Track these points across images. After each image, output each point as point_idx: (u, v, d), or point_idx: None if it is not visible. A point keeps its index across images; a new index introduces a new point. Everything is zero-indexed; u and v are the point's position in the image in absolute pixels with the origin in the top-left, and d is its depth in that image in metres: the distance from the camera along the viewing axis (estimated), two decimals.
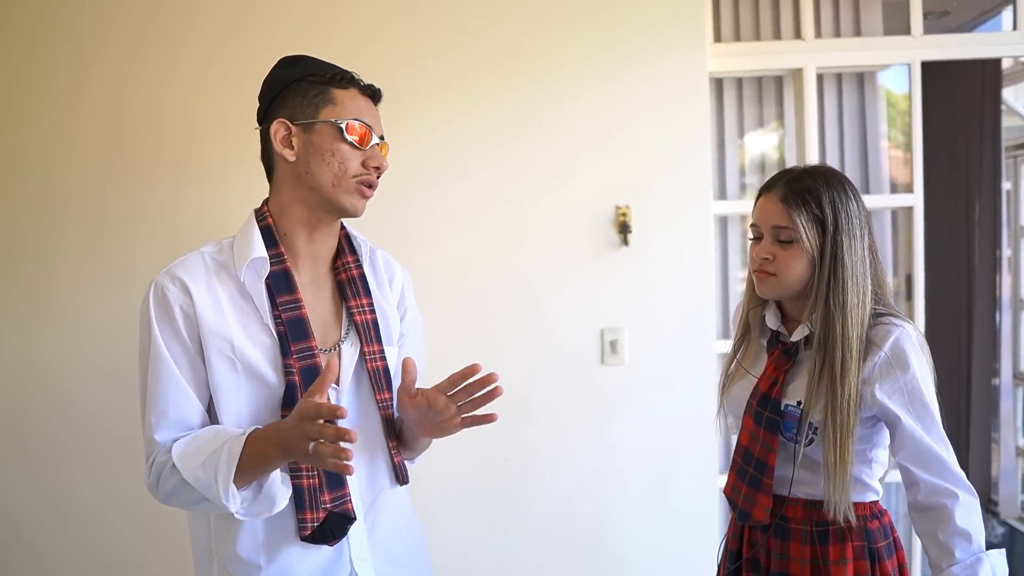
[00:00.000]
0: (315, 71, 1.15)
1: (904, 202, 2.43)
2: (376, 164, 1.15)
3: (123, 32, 2.10)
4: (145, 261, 2.10)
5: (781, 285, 1.24)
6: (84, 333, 2.12)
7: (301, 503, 1.10)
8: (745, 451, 1.31)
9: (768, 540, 1.28)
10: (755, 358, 1.36)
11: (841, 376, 1.18)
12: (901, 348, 1.19)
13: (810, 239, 1.20)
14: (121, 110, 2.11)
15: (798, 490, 1.26)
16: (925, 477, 1.16)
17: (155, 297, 1.12)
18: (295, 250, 1.17)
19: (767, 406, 1.26)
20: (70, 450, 2.14)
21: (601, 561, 2.19)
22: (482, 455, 2.16)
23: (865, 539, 1.23)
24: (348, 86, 1.16)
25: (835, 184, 1.23)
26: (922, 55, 2.33)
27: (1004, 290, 3.41)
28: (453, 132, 2.12)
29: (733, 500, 1.34)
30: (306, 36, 2.10)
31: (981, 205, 3.29)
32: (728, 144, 2.60)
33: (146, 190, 2.11)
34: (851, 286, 1.19)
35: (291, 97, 1.15)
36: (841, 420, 1.17)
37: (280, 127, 1.14)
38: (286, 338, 1.11)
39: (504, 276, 2.16)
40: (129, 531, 2.13)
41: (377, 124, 1.18)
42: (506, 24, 2.12)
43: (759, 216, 1.27)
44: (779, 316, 1.32)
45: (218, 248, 1.17)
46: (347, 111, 1.13)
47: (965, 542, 1.12)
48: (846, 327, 1.18)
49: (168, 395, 1.10)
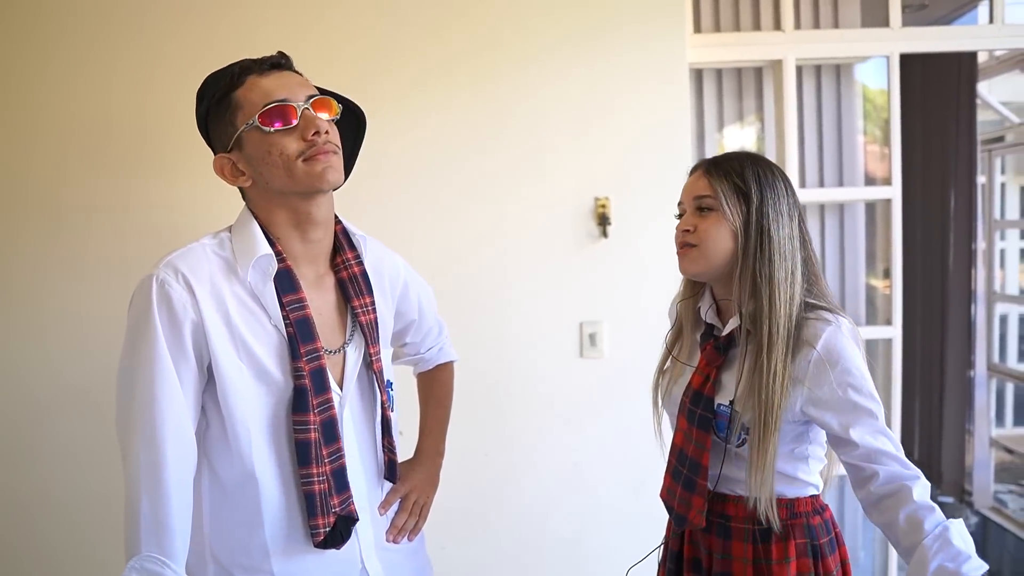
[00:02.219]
0: (213, 89, 1.09)
1: (882, 195, 2.44)
2: (313, 130, 1.04)
3: (104, 30, 2.05)
4: (112, 255, 2.07)
5: (703, 256, 1.19)
6: (46, 328, 2.06)
7: (313, 509, 1.06)
8: (679, 452, 1.27)
9: (710, 540, 1.25)
10: (689, 354, 1.31)
11: (768, 352, 1.13)
12: (834, 346, 1.13)
13: (731, 207, 1.17)
14: (95, 107, 2.06)
15: (737, 488, 1.22)
16: (879, 467, 1.12)
17: (159, 298, 1.03)
18: (292, 252, 1.13)
19: (700, 403, 1.22)
20: (32, 448, 2.09)
21: (581, 555, 2.18)
22: (461, 450, 2.13)
23: (807, 536, 1.21)
24: (243, 79, 1.07)
25: (760, 163, 1.21)
26: (901, 47, 2.34)
27: (979, 283, 3.45)
28: (431, 126, 2.09)
29: (669, 504, 1.29)
30: (283, 35, 2.04)
31: (957, 198, 3.32)
32: (708, 136, 2.60)
33: (109, 184, 2.07)
34: (778, 259, 1.15)
35: (212, 128, 1.11)
36: (765, 417, 1.13)
37: (222, 162, 1.10)
38: (295, 339, 1.07)
39: (482, 269, 2.14)
40: (93, 530, 2.08)
41: (295, 90, 1.07)
42: (484, 15, 2.09)
43: (683, 193, 1.25)
44: (714, 307, 1.27)
45: (218, 242, 1.11)
46: (255, 104, 1.05)
47: (931, 514, 1.08)
48: (773, 303, 1.14)
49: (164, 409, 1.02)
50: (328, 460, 1.08)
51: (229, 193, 2.04)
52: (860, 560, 2.77)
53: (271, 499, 1.08)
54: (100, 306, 2.04)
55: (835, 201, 2.60)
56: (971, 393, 3.50)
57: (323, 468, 1.08)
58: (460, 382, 2.13)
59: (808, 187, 2.57)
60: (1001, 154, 3.84)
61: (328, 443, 1.09)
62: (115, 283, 2.04)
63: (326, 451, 1.08)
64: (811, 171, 2.61)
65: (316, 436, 1.07)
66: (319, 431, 1.07)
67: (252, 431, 1.07)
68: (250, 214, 1.13)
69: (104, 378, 2.02)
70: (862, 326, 2.55)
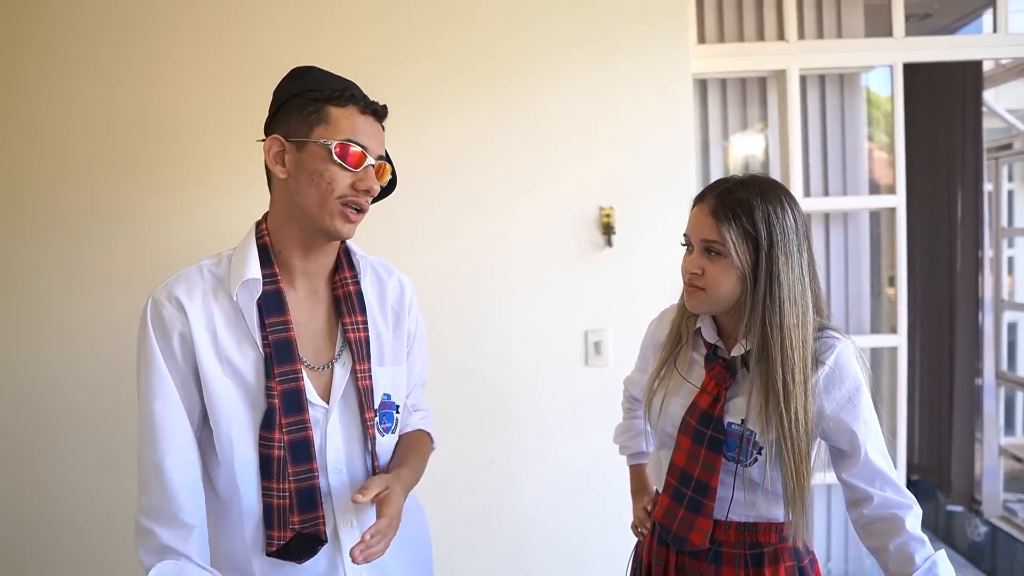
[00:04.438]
0: (316, 86, 1.12)
1: (887, 203, 2.45)
2: (366, 187, 1.11)
3: (106, 32, 2.08)
4: (108, 264, 2.09)
5: (710, 300, 1.18)
6: (45, 334, 2.10)
7: (269, 520, 1.11)
8: (682, 473, 1.24)
9: (700, 565, 1.24)
10: (687, 373, 1.28)
11: (786, 402, 1.12)
12: (844, 362, 1.15)
13: (740, 255, 1.13)
14: (103, 111, 2.09)
15: (733, 512, 1.21)
16: (875, 492, 1.13)
17: (152, 316, 1.11)
18: (290, 267, 1.17)
19: (709, 424, 1.20)
20: (29, 454, 2.11)
21: (584, 563, 2.18)
22: (466, 457, 2.15)
23: (795, 558, 1.22)
24: (346, 104, 1.11)
25: (770, 197, 1.15)
26: (904, 57, 2.35)
27: (986, 290, 3.43)
28: (435, 134, 2.12)
29: (667, 526, 1.27)
30: (287, 42, 2.08)
31: (963, 206, 3.31)
32: (712, 146, 2.61)
33: (106, 192, 2.10)
34: (788, 306, 1.13)
35: (288, 113, 1.13)
36: (794, 446, 1.12)
37: (274, 143, 1.13)
38: (271, 359, 1.11)
39: (488, 277, 2.15)
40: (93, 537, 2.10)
41: (375, 144, 1.14)
42: (488, 25, 2.11)
43: (690, 228, 1.21)
44: (715, 329, 1.25)
45: (217, 261, 1.17)
46: (340, 131, 1.10)
47: (921, 547, 1.09)
48: (785, 348, 1.12)
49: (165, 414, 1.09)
50: (294, 478, 1.11)
51: (227, 203, 2.07)
52: (867, 568, 2.76)
53: (250, 508, 1.12)
54: (96, 315, 2.06)
55: (840, 210, 2.61)
56: (979, 401, 3.47)
57: (285, 485, 1.11)
58: (465, 389, 2.15)
59: (813, 196, 2.58)
60: (1009, 161, 3.83)
61: (296, 462, 1.11)
62: (111, 292, 2.08)
63: (292, 469, 1.11)
64: (816, 180, 2.62)
65: (280, 453, 1.10)
66: (285, 449, 1.11)
67: (235, 441, 1.11)
68: (252, 236, 1.17)
69: (100, 385, 2.05)
70: (867, 335, 2.55)
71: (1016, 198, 4.42)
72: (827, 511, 2.71)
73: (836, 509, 2.71)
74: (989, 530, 3.52)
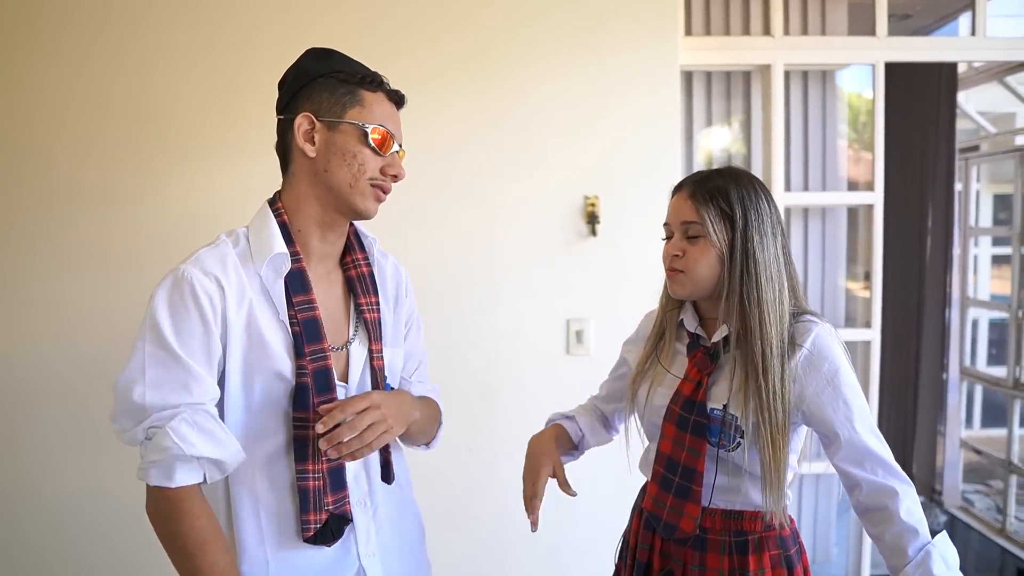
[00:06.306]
0: (345, 68, 1.13)
1: (865, 200, 2.48)
2: (394, 172, 1.14)
3: (105, 18, 2.04)
4: (99, 247, 2.05)
5: (691, 281, 1.22)
6: (33, 319, 2.04)
7: (306, 505, 1.09)
8: (668, 460, 1.26)
9: (685, 551, 1.26)
10: (671, 364, 1.31)
11: (764, 374, 1.15)
12: (823, 343, 1.17)
13: (717, 233, 1.18)
14: (96, 94, 2.05)
15: (718, 499, 1.23)
16: (864, 476, 1.14)
17: (187, 287, 1.04)
18: (308, 247, 1.15)
19: (692, 410, 1.23)
20: (16, 438, 2.06)
21: (567, 551, 2.20)
22: (447, 446, 2.13)
23: (781, 547, 1.23)
24: (376, 89, 1.14)
25: (744, 183, 1.21)
26: (887, 56, 2.38)
27: (954, 288, 3.52)
28: (424, 125, 2.09)
29: (656, 514, 1.28)
30: (281, 38, 2.04)
31: (934, 205, 3.38)
32: (695, 136, 2.62)
33: (98, 176, 2.05)
34: (765, 282, 1.17)
35: (318, 92, 1.12)
36: (771, 418, 1.14)
37: (304, 121, 1.11)
38: (301, 338, 1.09)
39: (471, 266, 2.14)
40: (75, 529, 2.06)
41: (399, 131, 1.16)
42: (477, 18, 2.10)
43: (670, 215, 1.26)
44: (697, 319, 1.28)
45: (234, 239, 1.13)
46: (374, 115, 1.12)
47: (914, 537, 1.11)
48: (763, 324, 1.16)
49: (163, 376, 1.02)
50: (326, 458, 1.09)
51: (220, 190, 2.04)
52: (833, 557, 2.82)
53: (266, 491, 1.10)
54: (87, 297, 2.02)
55: (818, 205, 2.64)
56: (944, 395, 3.57)
57: (319, 466, 1.10)
58: (446, 377, 2.13)
59: (793, 191, 2.61)
60: (977, 163, 3.93)
61: None
62: (102, 275, 2.04)
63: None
64: (796, 175, 2.65)
65: (315, 434, 1.07)
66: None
67: (268, 425, 1.09)
68: (270, 213, 1.14)
69: (90, 369, 2.01)
70: (841, 328, 2.60)
71: (982, 198, 4.53)
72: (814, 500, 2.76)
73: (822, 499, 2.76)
74: (948, 519, 3.64)
